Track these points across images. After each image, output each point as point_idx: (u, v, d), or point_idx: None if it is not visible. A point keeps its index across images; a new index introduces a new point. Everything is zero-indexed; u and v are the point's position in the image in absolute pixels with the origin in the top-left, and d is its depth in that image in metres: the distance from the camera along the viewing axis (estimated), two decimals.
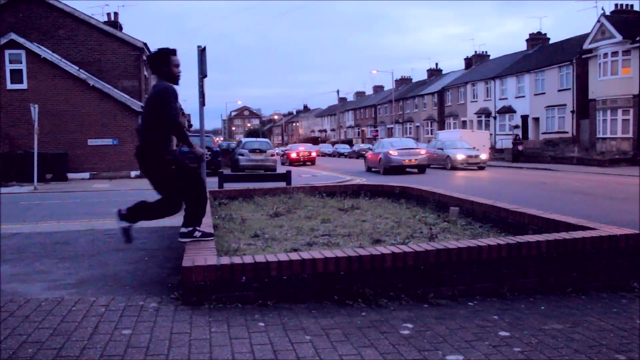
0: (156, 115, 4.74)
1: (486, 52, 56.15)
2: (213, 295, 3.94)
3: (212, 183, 12.03)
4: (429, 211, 7.59)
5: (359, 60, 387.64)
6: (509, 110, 42.88)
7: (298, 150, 38.18)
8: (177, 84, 4.91)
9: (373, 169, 26.50)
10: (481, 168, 27.80)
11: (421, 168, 24.95)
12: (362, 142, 63.63)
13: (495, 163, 33.76)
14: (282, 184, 10.19)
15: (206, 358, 3.05)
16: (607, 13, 32.85)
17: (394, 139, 32.94)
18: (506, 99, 43.50)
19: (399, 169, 24.25)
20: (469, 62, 56.68)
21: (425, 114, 58.38)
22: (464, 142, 30.17)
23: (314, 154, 37.33)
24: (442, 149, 29.02)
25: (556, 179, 19.54)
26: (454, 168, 27.11)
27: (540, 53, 43.18)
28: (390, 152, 24.75)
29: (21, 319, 3.66)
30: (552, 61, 38.60)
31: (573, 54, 35.92)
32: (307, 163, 35.69)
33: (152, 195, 5.22)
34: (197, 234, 4.99)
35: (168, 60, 4.84)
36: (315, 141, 77.50)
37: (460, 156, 27.41)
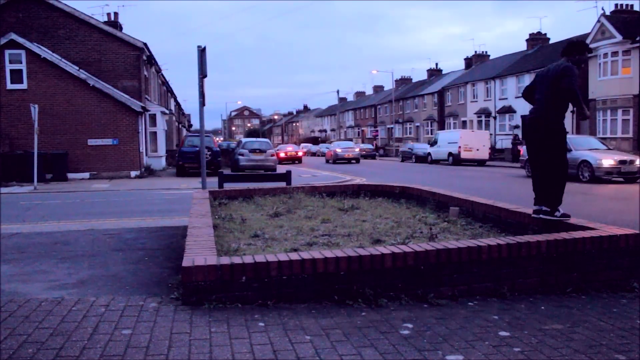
0: (557, 86, 5.31)
1: (486, 52, 56.17)
2: (213, 295, 3.94)
3: (212, 183, 12.04)
4: (429, 211, 7.59)
5: (359, 60, 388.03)
6: (509, 110, 42.88)
7: (286, 150, 44.28)
8: (578, 70, 5.53)
9: (329, 161, 38.93)
10: (632, 180, 18.35)
11: (356, 159, 37.96)
12: (362, 142, 63.75)
13: (496, 163, 33.78)
14: (282, 184, 10.18)
15: (206, 358, 3.05)
16: (607, 13, 32.86)
17: (342, 142, 47.65)
18: (506, 98, 43.49)
19: (342, 160, 37.50)
20: (469, 62, 56.68)
21: (425, 114, 58.37)
22: (595, 139, 22.18)
23: (300, 154, 44.02)
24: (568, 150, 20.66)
25: None
26: (595, 179, 18.02)
27: (540, 53, 43.18)
28: (337, 149, 39.15)
29: (21, 319, 3.66)
30: (552, 61, 38.49)
31: None
32: (295, 162, 41.13)
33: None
34: (557, 213, 5.36)
35: (584, 52, 5.53)
36: (315, 141, 77.54)
37: (607, 161, 18.34)
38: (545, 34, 46.88)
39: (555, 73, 5.41)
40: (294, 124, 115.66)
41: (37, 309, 3.90)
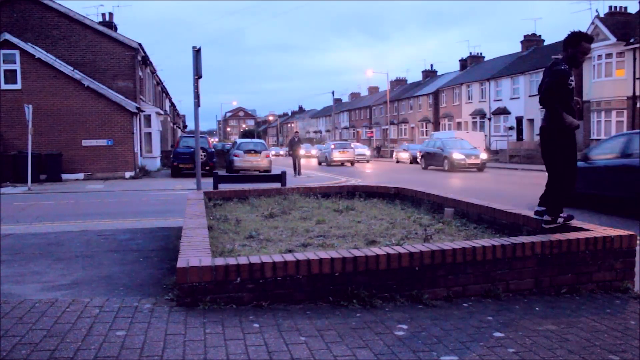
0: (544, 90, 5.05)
1: (481, 53, 56.34)
2: (208, 296, 3.93)
3: (206, 184, 12.02)
4: (424, 212, 7.60)
5: (357, 63, 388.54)
6: (503, 111, 43.01)
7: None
8: (576, 67, 5.19)
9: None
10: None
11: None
12: (357, 143, 63.92)
13: (491, 164, 33.86)
14: (277, 185, 10.18)
15: (201, 359, 3.05)
16: (602, 15, 33.00)
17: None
18: (501, 100, 43.65)
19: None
20: (463, 63, 56.84)
21: (420, 115, 58.47)
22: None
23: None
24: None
25: None
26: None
27: (535, 54, 43.34)
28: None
29: (15, 320, 3.65)
30: (547, 62, 38.71)
31: None
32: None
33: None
34: (559, 220, 5.23)
35: (578, 43, 5.06)
36: (309, 142, 77.63)
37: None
38: (540, 36, 47.08)
39: (546, 70, 5.24)
40: (289, 125, 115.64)
41: (31, 310, 3.88)
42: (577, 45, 5.08)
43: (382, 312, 3.93)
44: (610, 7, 34.33)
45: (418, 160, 33.00)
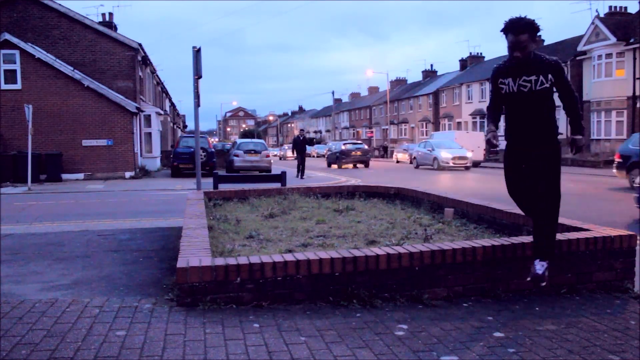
0: None
1: (481, 53, 56.35)
2: (208, 296, 3.93)
3: (206, 184, 12.02)
4: (424, 212, 7.60)
5: (357, 63, 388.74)
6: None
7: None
8: (510, 59, 4.33)
9: None
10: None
11: None
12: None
13: (490, 164, 33.88)
14: (277, 185, 10.18)
15: (201, 359, 3.05)
16: (602, 15, 33.01)
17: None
18: None
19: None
20: (464, 63, 56.84)
21: (420, 115, 58.47)
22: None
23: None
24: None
25: None
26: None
27: None
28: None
29: (15, 320, 3.65)
30: None
31: (567, 55, 36.07)
32: None
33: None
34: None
35: (505, 36, 4.22)
36: (310, 142, 77.71)
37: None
38: (540, 36, 47.07)
39: None
40: (289, 125, 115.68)
41: (31, 310, 3.88)
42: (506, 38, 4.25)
43: (382, 312, 3.93)
44: (610, 7, 34.34)
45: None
